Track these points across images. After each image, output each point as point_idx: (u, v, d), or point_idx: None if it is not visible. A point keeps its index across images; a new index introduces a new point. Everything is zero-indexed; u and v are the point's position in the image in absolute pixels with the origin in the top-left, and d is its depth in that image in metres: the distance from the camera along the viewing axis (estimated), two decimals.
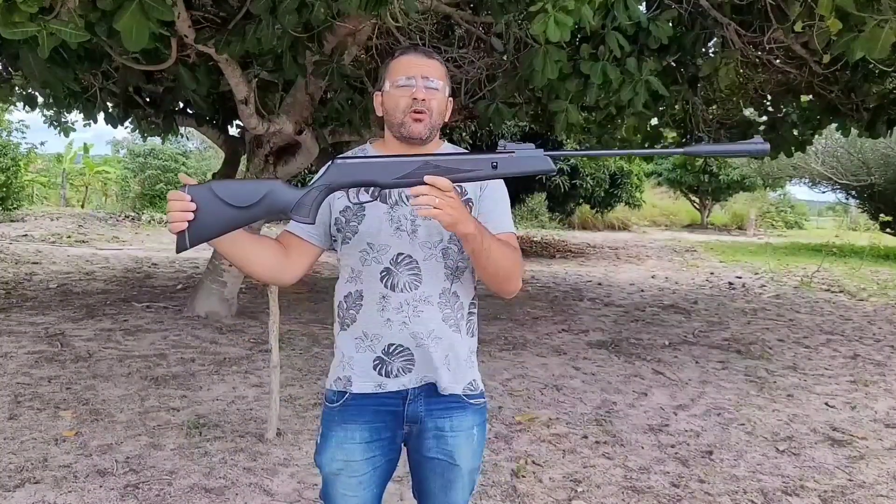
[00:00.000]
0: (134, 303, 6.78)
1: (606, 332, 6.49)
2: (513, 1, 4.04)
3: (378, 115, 1.64)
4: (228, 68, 4.83)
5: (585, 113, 5.81)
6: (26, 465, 3.02)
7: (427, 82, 1.54)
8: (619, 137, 7.29)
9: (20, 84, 5.95)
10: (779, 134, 6.72)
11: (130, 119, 6.78)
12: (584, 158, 14.49)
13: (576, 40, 4.51)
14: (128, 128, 7.28)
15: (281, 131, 5.61)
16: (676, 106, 5.87)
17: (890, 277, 12.25)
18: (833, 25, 3.35)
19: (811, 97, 6.52)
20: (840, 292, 10.08)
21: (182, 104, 6.89)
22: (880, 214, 17.25)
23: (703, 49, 5.08)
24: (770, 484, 3.20)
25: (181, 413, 3.77)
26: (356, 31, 4.90)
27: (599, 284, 10.10)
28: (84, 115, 6.43)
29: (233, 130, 8.04)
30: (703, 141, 6.45)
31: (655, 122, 6.72)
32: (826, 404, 4.48)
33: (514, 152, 1.43)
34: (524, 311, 7.38)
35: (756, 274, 12.16)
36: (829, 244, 14.87)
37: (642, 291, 9.52)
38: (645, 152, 1.86)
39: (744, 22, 4.64)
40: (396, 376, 1.57)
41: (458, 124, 9.21)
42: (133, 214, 17.35)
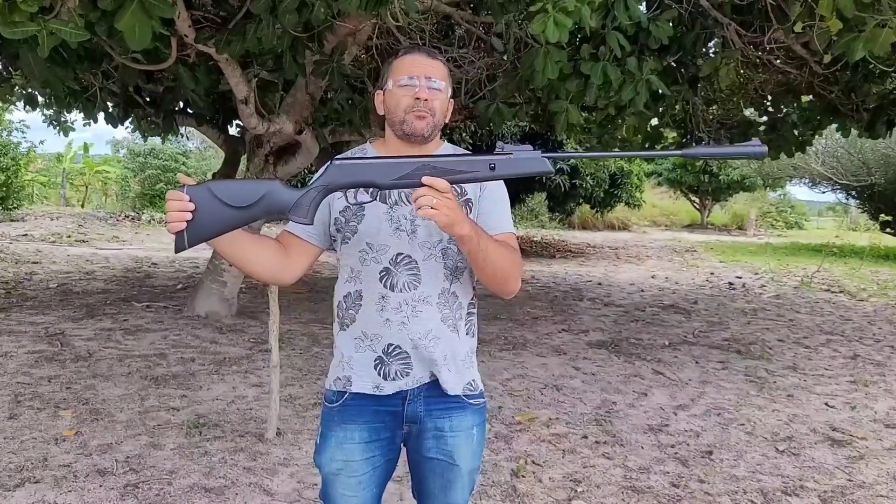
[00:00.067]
0: (134, 302, 6.78)
1: (606, 332, 6.49)
2: (513, 1, 4.04)
3: (379, 115, 1.64)
4: (228, 68, 4.83)
5: (586, 113, 5.80)
6: (26, 465, 3.02)
7: (430, 83, 1.54)
8: (620, 138, 7.29)
9: (20, 84, 5.95)
10: (779, 134, 6.73)
11: (130, 119, 6.78)
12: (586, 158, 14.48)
13: (576, 40, 4.51)
14: (128, 127, 7.28)
15: (281, 131, 5.61)
16: (677, 106, 5.87)
17: (890, 277, 12.25)
18: (833, 26, 3.36)
19: (811, 97, 6.51)
20: (840, 292, 10.08)
21: (182, 104, 6.88)
22: (880, 214, 17.25)
23: (704, 49, 5.07)
24: (770, 484, 3.20)
25: (181, 413, 3.77)
26: (356, 31, 4.90)
27: (599, 284, 10.10)
28: (84, 115, 6.43)
29: (233, 130, 8.04)
30: (704, 141, 6.45)
31: (656, 123, 6.71)
32: (826, 404, 4.48)
33: (512, 154, 1.43)
34: (524, 311, 7.38)
35: (756, 274, 12.16)
36: (830, 244, 14.88)
37: (642, 291, 9.52)
38: (642, 154, 1.87)
39: (744, 22, 4.64)
40: (394, 379, 1.57)
41: (458, 124, 9.21)
42: (133, 214, 17.36)
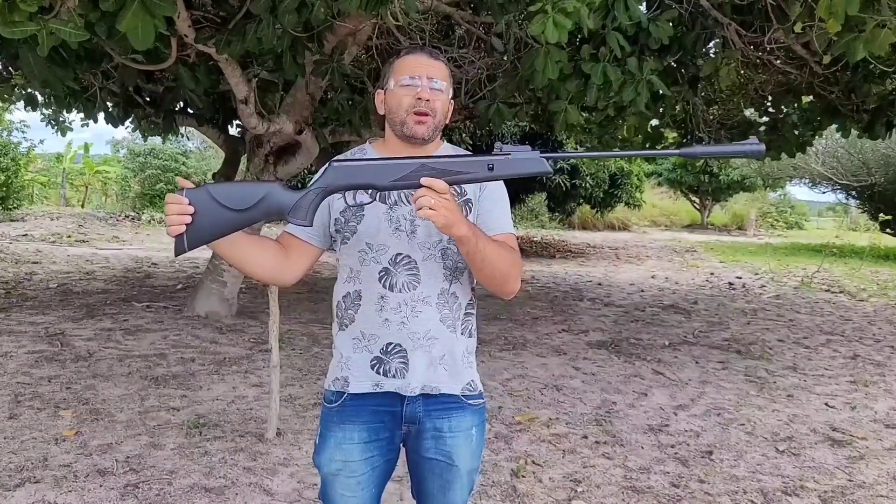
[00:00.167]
0: (134, 302, 6.78)
1: (606, 332, 6.49)
2: (513, 1, 4.04)
3: (379, 114, 1.64)
4: (228, 68, 4.83)
5: (586, 113, 5.80)
6: (26, 465, 3.02)
7: (432, 83, 1.54)
8: (620, 138, 7.29)
9: (20, 84, 5.95)
10: (779, 134, 6.73)
11: (130, 119, 6.78)
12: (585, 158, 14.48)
13: (576, 41, 4.51)
14: (128, 127, 7.28)
15: (281, 131, 5.61)
16: (677, 106, 5.87)
17: (890, 277, 12.25)
18: (832, 27, 3.35)
19: (811, 98, 6.51)
20: (840, 293, 10.08)
21: (182, 104, 6.89)
22: (880, 214, 17.24)
23: (704, 49, 5.07)
24: (770, 484, 3.20)
25: (181, 413, 3.77)
26: (356, 31, 4.90)
27: (599, 284, 10.10)
28: (84, 115, 6.43)
29: (233, 130, 8.04)
30: (704, 141, 6.45)
31: (656, 123, 6.72)
32: (826, 404, 4.48)
33: (510, 154, 1.43)
34: (524, 311, 7.38)
35: (756, 274, 12.16)
36: (830, 244, 14.84)
37: (642, 291, 9.52)
38: (640, 153, 1.87)
39: (744, 22, 4.64)
40: (394, 377, 1.57)
41: (458, 124, 9.20)
42: (133, 214, 17.36)
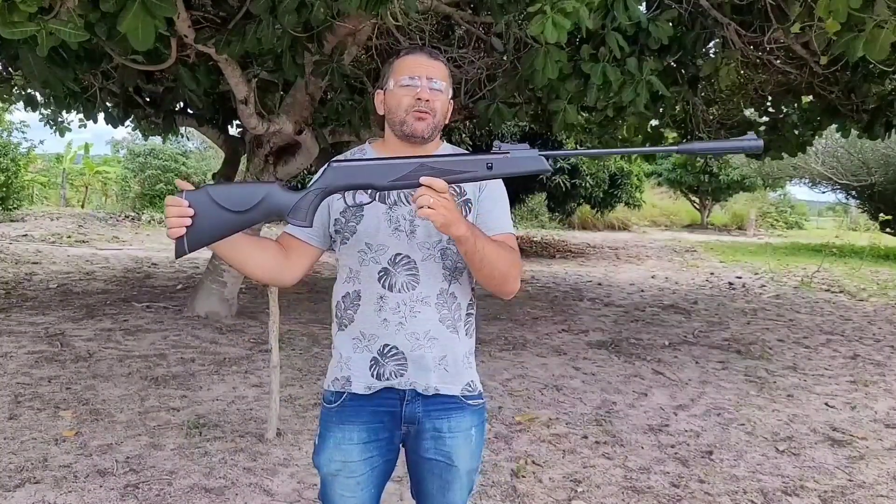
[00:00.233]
0: (134, 303, 6.78)
1: (606, 332, 6.49)
2: (513, 1, 4.04)
3: (379, 114, 1.64)
4: (228, 68, 4.83)
5: (586, 113, 5.80)
6: (26, 465, 3.03)
7: (431, 83, 1.54)
8: (620, 138, 7.29)
9: (20, 84, 5.95)
10: (780, 134, 6.72)
11: (130, 119, 6.78)
12: (585, 158, 14.49)
13: (576, 41, 4.51)
14: (128, 128, 7.29)
15: (281, 131, 5.61)
16: (677, 107, 5.86)
17: (890, 277, 12.25)
18: (831, 27, 3.35)
19: (811, 98, 6.51)
20: (840, 292, 10.08)
21: (182, 104, 6.89)
22: (880, 214, 17.25)
23: (704, 49, 5.07)
24: (770, 484, 3.20)
25: (181, 413, 3.77)
26: (356, 31, 4.90)
27: (599, 284, 10.10)
28: (84, 115, 6.43)
29: (233, 130, 8.04)
30: (703, 141, 6.43)
31: (656, 123, 6.72)
32: (826, 404, 4.48)
33: (510, 153, 1.43)
34: (524, 311, 7.38)
35: (756, 274, 12.15)
36: (829, 244, 14.84)
37: (642, 291, 9.52)
38: (639, 151, 1.86)
39: (744, 22, 4.64)
40: (388, 379, 1.57)
41: (458, 124, 9.20)
42: (133, 214, 17.35)
